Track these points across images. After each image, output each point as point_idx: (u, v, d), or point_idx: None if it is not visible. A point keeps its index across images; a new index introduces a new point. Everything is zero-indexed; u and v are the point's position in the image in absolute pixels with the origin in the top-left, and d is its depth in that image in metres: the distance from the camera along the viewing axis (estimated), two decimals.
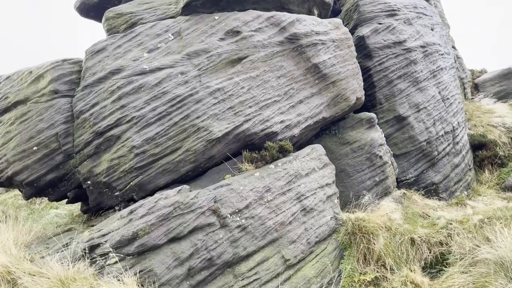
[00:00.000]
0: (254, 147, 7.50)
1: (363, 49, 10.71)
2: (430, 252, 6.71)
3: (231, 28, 7.86)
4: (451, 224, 6.87)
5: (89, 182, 7.03)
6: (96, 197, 7.17)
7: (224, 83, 7.40)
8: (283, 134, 7.70)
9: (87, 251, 5.51)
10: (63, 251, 6.05)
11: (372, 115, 9.22)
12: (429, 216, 7.91)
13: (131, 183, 6.81)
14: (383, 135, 9.31)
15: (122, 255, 5.40)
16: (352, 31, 11.16)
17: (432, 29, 12.78)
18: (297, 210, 6.84)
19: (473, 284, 5.68)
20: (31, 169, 7.04)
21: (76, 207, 10.91)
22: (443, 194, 10.07)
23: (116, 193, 6.95)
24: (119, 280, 5.18)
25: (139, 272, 5.27)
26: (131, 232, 5.44)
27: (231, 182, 6.62)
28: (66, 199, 7.93)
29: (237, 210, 6.35)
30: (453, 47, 18.82)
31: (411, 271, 6.36)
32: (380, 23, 11.09)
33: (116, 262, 5.39)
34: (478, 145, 12.55)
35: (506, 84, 24.56)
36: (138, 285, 5.22)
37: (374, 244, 6.55)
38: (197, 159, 6.91)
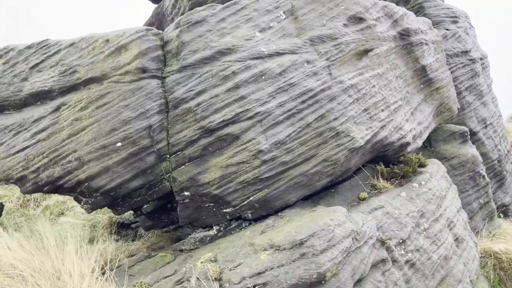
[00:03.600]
0: (384, 160, 6.23)
1: None
2: None
3: (353, 14, 6.51)
4: None
5: (187, 193, 5.29)
6: (191, 213, 5.46)
7: (356, 79, 6.04)
8: (412, 146, 6.50)
9: None
10: None
11: (465, 128, 8.33)
12: None
13: (252, 198, 5.22)
14: None
15: None
16: None
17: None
18: (452, 240, 5.67)
19: None
20: (113, 173, 5.14)
21: (95, 215, 8.77)
22: None
23: (227, 210, 5.31)
24: None
25: None
26: (315, 273, 3.93)
27: (383, 204, 5.30)
28: (134, 213, 6.07)
29: (400, 241, 5.04)
30: None
31: None
32: (447, 29, 10.31)
33: None
34: None
35: None
36: None
37: None
38: (335, 171, 5.48)
